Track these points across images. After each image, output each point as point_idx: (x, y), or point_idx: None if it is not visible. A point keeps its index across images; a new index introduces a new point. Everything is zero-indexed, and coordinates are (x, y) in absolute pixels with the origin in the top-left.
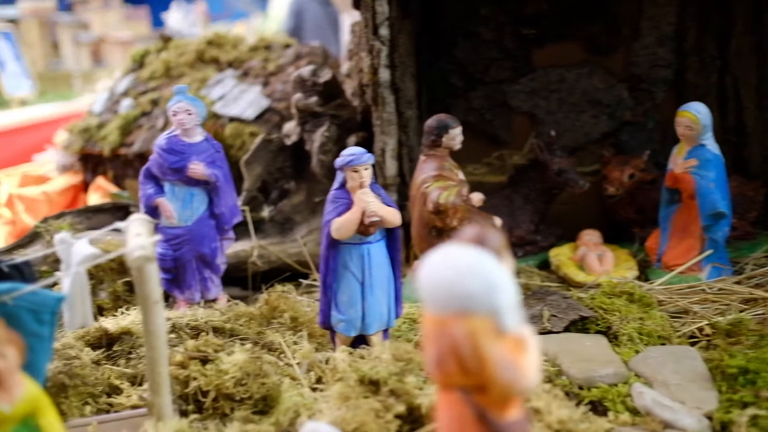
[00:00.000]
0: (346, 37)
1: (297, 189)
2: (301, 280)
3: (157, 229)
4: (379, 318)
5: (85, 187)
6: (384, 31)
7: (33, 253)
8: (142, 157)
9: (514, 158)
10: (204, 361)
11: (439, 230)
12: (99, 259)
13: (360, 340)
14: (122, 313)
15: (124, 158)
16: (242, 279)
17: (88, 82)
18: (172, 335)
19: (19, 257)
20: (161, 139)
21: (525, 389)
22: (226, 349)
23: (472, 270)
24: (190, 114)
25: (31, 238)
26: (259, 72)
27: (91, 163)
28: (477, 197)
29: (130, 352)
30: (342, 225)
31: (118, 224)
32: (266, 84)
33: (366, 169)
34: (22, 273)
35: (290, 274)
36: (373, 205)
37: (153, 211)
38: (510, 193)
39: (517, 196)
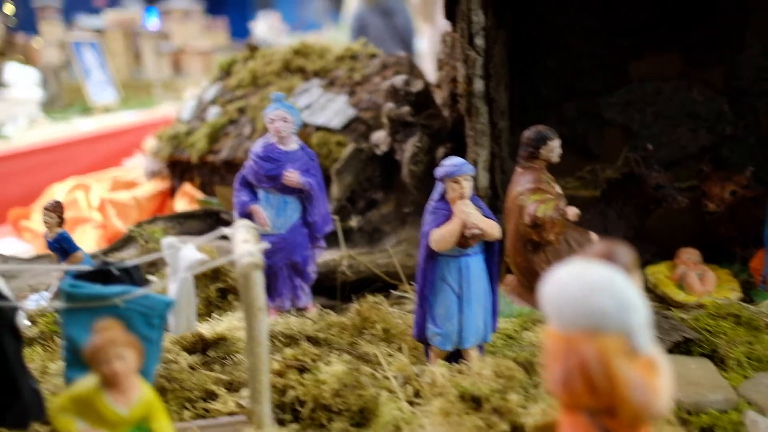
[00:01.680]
0: (424, 46)
1: (386, 199)
2: (391, 290)
3: None
4: (476, 332)
5: (172, 192)
6: (479, 41)
7: (128, 256)
8: (229, 164)
9: (607, 172)
10: (301, 370)
11: (535, 244)
12: (207, 266)
13: (455, 355)
14: (216, 318)
15: (211, 165)
16: (330, 288)
17: (168, 91)
18: (276, 339)
19: (127, 261)
20: (257, 147)
21: (657, 413)
22: (323, 358)
23: (603, 287)
24: (286, 122)
25: (124, 241)
26: (345, 81)
27: (178, 169)
28: (572, 211)
29: (224, 358)
30: (441, 237)
31: (225, 230)
32: (352, 93)
33: (467, 180)
34: (131, 276)
35: (380, 285)
36: (474, 217)
37: (247, 218)
38: (603, 208)
39: (610, 211)
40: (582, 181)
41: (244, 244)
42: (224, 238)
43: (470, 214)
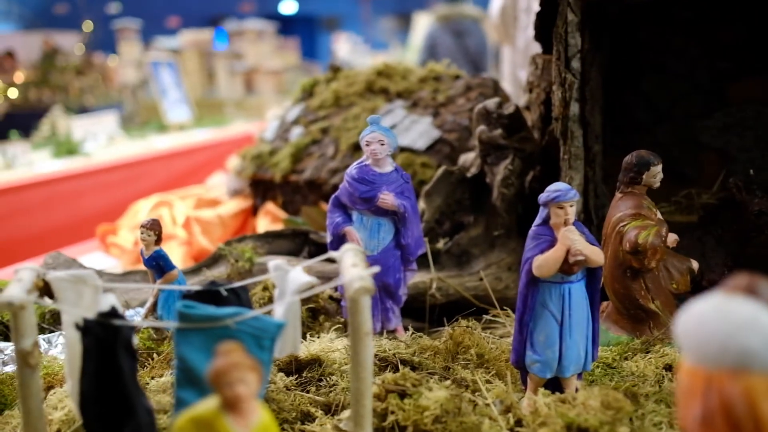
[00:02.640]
0: (506, 68)
1: (475, 222)
2: (483, 315)
3: None
4: (576, 361)
5: (254, 211)
6: (576, 64)
7: (218, 274)
8: (312, 183)
9: (703, 197)
10: (402, 395)
11: (634, 271)
12: (316, 289)
13: (552, 383)
14: (309, 339)
15: (294, 184)
16: (418, 310)
17: (240, 110)
18: None
19: (236, 283)
20: (352, 169)
21: None
22: (423, 384)
23: (749, 323)
24: (383, 144)
25: (213, 259)
26: (429, 103)
27: (261, 188)
28: (671, 238)
29: (319, 380)
30: (545, 262)
31: (333, 254)
32: (436, 115)
33: (571, 206)
34: (240, 298)
35: (472, 309)
36: (579, 243)
37: (340, 240)
38: (701, 235)
39: (709, 238)
40: (677, 206)
41: (353, 268)
42: (331, 261)
43: (575, 241)
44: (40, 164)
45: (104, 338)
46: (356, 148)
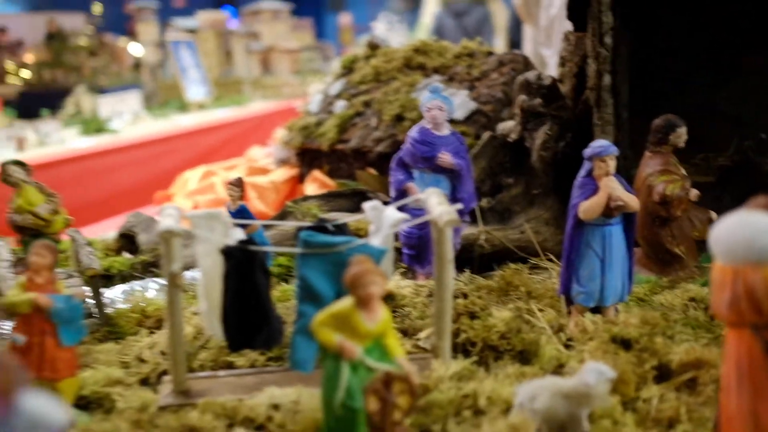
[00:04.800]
0: (528, 45)
1: (516, 182)
2: (527, 262)
3: (405, 210)
4: (615, 292)
5: (300, 178)
6: (608, 40)
7: (289, 227)
8: (357, 152)
9: (719, 160)
10: (472, 316)
11: (662, 219)
12: (407, 223)
13: (593, 312)
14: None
15: (340, 153)
16: (466, 260)
17: (257, 88)
18: (430, 298)
19: (339, 219)
20: (414, 132)
21: None
22: (488, 308)
23: (767, 229)
24: (441, 110)
25: (282, 215)
26: (464, 77)
27: (308, 157)
28: (693, 192)
29: (394, 310)
30: (589, 207)
31: (420, 195)
32: (472, 88)
33: (612, 159)
34: (343, 231)
35: (514, 257)
36: (618, 190)
37: (402, 195)
38: (719, 193)
39: (725, 195)
40: (695, 167)
41: (440, 205)
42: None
43: (615, 189)
44: (70, 141)
45: (243, 261)
46: (398, 119)
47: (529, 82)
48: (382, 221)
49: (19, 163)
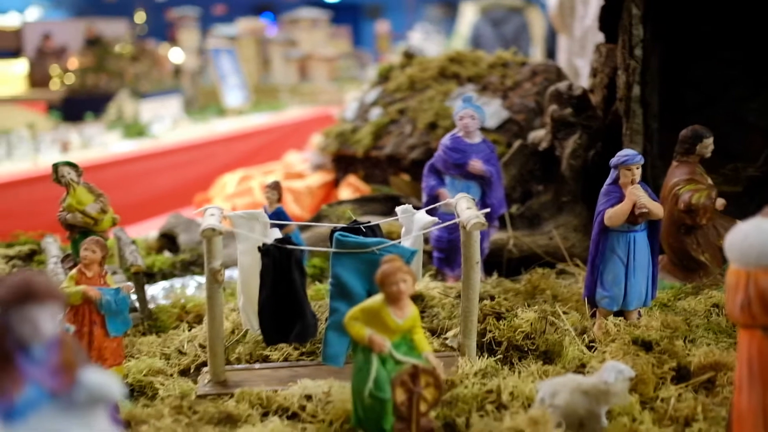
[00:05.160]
0: (562, 56)
1: (545, 190)
2: (554, 267)
3: (436, 215)
4: (638, 297)
5: (335, 183)
6: (638, 52)
7: (324, 230)
8: (392, 158)
9: (748, 170)
10: (498, 317)
11: (688, 228)
12: (436, 226)
13: (616, 317)
14: None
15: (375, 159)
16: (495, 264)
17: (294, 95)
18: (458, 299)
19: (372, 221)
20: (447, 140)
21: None
22: (513, 310)
23: None
24: (473, 119)
25: (317, 218)
26: (498, 87)
27: (344, 162)
28: (720, 202)
29: (423, 311)
30: (614, 214)
31: (450, 200)
32: (505, 97)
33: (637, 168)
34: (375, 232)
35: (542, 263)
36: (643, 198)
37: (434, 199)
38: (745, 203)
39: (752, 205)
40: (724, 177)
41: (468, 210)
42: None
43: (640, 197)
44: (112, 145)
45: (280, 258)
46: (432, 127)
47: (560, 93)
48: (412, 224)
49: (70, 165)
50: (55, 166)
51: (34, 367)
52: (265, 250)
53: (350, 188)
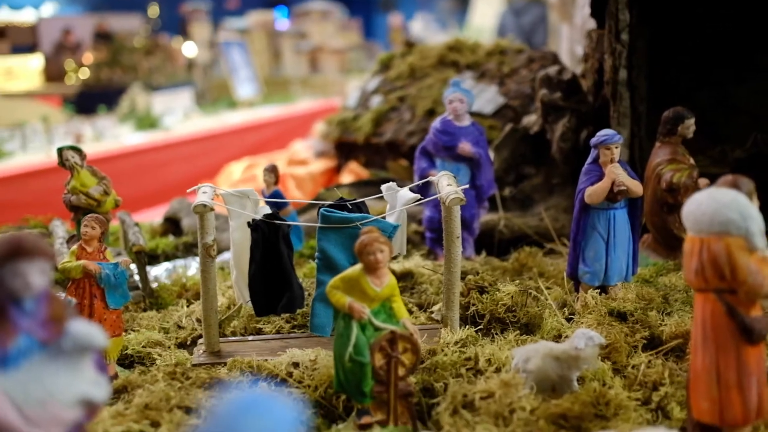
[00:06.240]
0: (564, 44)
1: (536, 172)
2: (543, 246)
3: (428, 196)
4: (619, 272)
5: (337, 169)
6: (625, 36)
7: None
8: (392, 144)
9: (736, 152)
10: (481, 291)
11: (670, 206)
12: (418, 202)
13: (599, 291)
14: (402, 260)
15: (376, 146)
16: (487, 244)
17: (305, 87)
18: None
19: (357, 199)
20: (437, 123)
21: (766, 293)
22: (496, 285)
23: (730, 203)
24: (462, 102)
25: (315, 201)
26: (495, 74)
27: (345, 149)
28: (703, 182)
29: (412, 288)
30: (594, 192)
31: (432, 178)
32: (502, 84)
33: (617, 147)
34: (361, 209)
35: (531, 242)
36: (622, 176)
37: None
38: None
39: None
40: (711, 159)
41: (449, 186)
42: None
43: (619, 175)
44: (125, 137)
45: (268, 233)
46: (431, 113)
47: (550, 77)
48: (396, 200)
49: (74, 149)
50: (60, 150)
51: (25, 318)
52: (254, 226)
53: (351, 174)
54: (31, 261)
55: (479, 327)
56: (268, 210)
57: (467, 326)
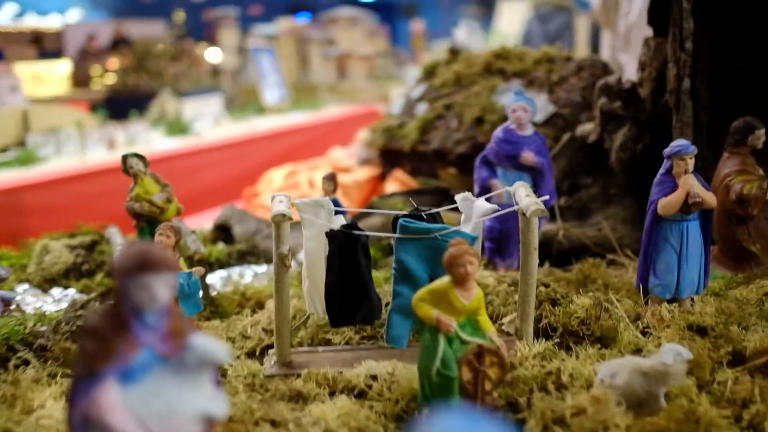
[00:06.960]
0: (605, 51)
1: (594, 182)
2: (604, 258)
3: None
4: (691, 285)
5: (382, 177)
6: (688, 45)
7: (375, 221)
8: (439, 152)
9: None
10: (553, 303)
11: (739, 218)
12: (495, 213)
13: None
14: None
15: (422, 154)
16: (544, 255)
17: (332, 93)
18: (512, 287)
19: (433, 209)
20: (499, 132)
21: None
22: (568, 297)
23: None
24: (525, 111)
25: (370, 209)
26: (544, 81)
27: (390, 157)
28: None
29: None
30: (668, 203)
31: (509, 188)
32: (551, 92)
33: (691, 158)
34: (436, 219)
35: (590, 254)
36: (696, 188)
37: (486, 191)
38: None
39: None
40: None
41: (527, 197)
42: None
43: (693, 186)
44: (156, 142)
45: (347, 243)
46: (479, 121)
47: (610, 86)
48: (472, 211)
49: (138, 156)
50: (125, 158)
51: (147, 332)
52: (332, 236)
53: (396, 182)
54: (158, 274)
55: (554, 340)
56: (343, 219)
57: (541, 339)
